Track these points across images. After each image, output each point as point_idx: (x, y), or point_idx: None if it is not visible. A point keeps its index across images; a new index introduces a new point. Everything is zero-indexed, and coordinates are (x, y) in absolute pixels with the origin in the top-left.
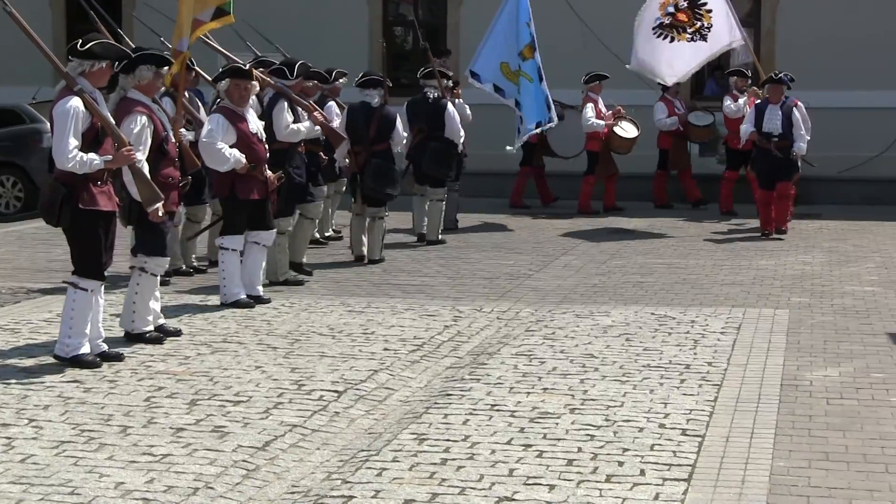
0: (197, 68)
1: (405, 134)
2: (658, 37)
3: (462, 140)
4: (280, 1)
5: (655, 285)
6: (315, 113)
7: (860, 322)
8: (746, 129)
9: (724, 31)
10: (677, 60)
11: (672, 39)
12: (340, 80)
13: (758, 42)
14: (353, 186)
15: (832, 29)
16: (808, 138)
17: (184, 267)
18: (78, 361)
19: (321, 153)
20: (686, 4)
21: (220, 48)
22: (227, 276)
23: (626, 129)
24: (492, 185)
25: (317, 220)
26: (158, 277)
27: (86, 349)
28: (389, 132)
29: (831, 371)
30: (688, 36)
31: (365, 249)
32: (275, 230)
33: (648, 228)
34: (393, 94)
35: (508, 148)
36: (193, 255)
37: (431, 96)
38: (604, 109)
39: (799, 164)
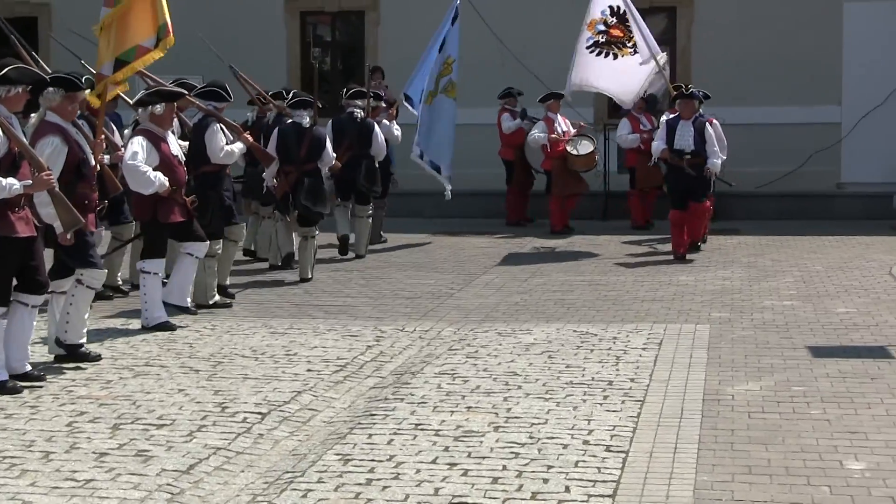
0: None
1: (333, 154)
2: (598, 55)
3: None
4: (196, 23)
5: (577, 302)
6: (244, 133)
7: (780, 336)
8: (657, 145)
9: (647, 48)
10: (627, 77)
11: (615, 56)
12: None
13: (673, 60)
14: (283, 206)
15: (747, 46)
16: (724, 157)
17: (107, 292)
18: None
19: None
20: (615, 20)
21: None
22: (149, 299)
23: (579, 147)
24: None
25: (240, 242)
26: (93, 292)
27: (4, 376)
28: (320, 152)
29: (752, 385)
30: (629, 50)
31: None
32: (207, 241)
33: (569, 246)
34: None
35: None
36: (119, 275)
37: (359, 116)
38: (564, 128)
39: (713, 182)
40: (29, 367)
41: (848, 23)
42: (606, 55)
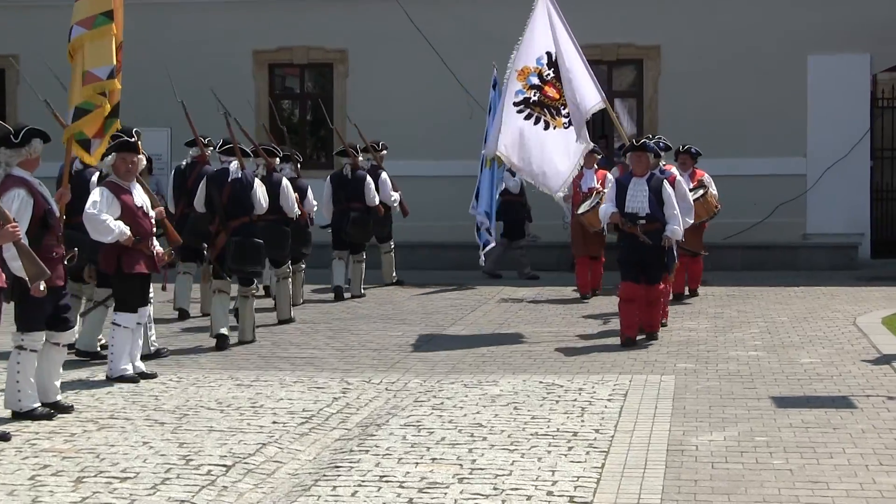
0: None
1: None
2: (527, 118)
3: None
4: (163, 74)
5: (543, 354)
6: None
7: (744, 387)
8: (606, 209)
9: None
10: (558, 156)
11: (546, 126)
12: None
13: (640, 112)
14: (219, 268)
15: (713, 98)
16: (691, 221)
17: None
18: None
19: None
20: (552, 74)
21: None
22: (116, 351)
23: (587, 203)
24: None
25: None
26: (35, 354)
27: None
28: (246, 202)
29: (716, 435)
30: (563, 121)
31: (224, 329)
32: (150, 306)
33: (536, 298)
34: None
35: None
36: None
37: (348, 172)
38: (594, 185)
39: (675, 252)
40: None
41: (812, 75)
42: (537, 121)
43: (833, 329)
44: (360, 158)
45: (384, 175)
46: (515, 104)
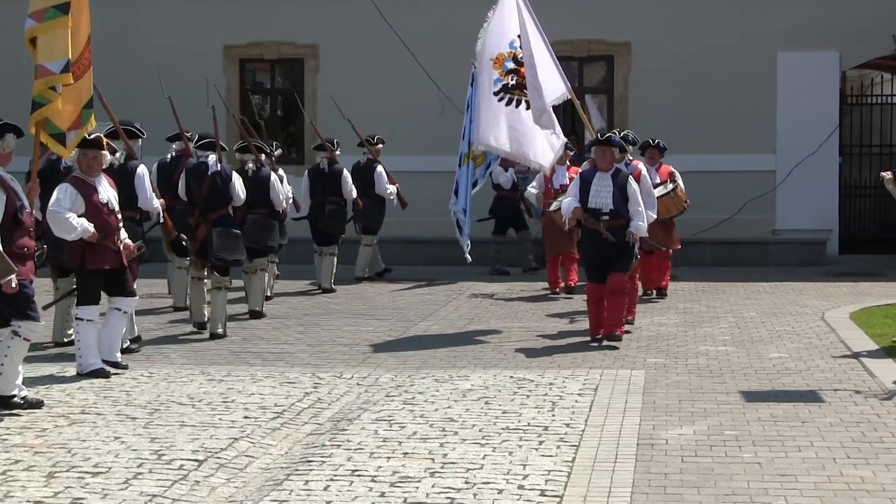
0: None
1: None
2: (508, 103)
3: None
4: (136, 70)
5: (514, 349)
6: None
7: (714, 381)
8: (569, 203)
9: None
10: (541, 133)
11: (528, 106)
12: (277, 151)
13: (611, 108)
14: (201, 258)
15: (683, 94)
16: (654, 216)
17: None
18: None
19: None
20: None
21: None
22: (83, 346)
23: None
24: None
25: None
26: (28, 344)
27: None
28: (225, 195)
29: (686, 429)
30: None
31: (206, 317)
32: (136, 297)
33: (507, 293)
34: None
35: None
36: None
37: (325, 166)
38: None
39: (636, 250)
40: None
41: (782, 72)
42: (518, 104)
43: (801, 324)
44: (372, 149)
45: (380, 168)
46: (496, 93)
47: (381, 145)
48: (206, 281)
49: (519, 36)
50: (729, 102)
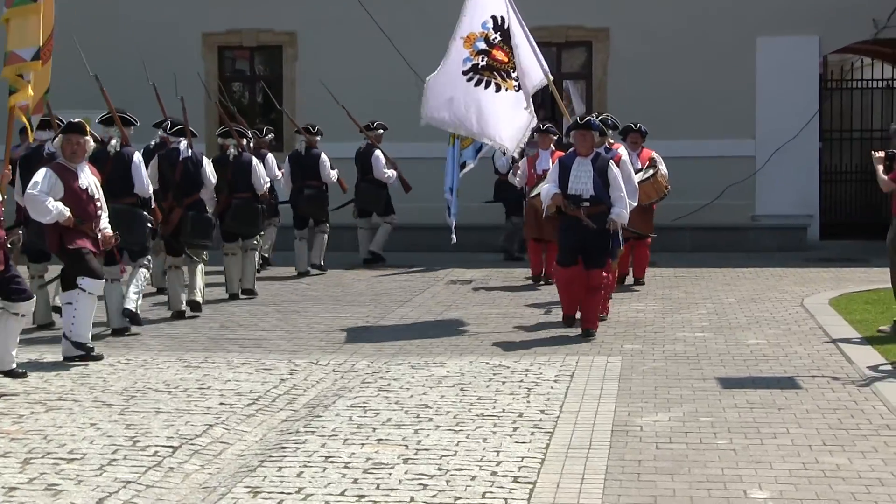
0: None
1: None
2: (477, 84)
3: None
4: (112, 57)
5: (491, 335)
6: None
7: (690, 367)
8: (548, 189)
9: (534, 71)
10: (511, 117)
11: (498, 88)
12: (269, 136)
13: (590, 93)
14: (173, 244)
15: (662, 80)
16: (634, 203)
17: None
18: None
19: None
20: (499, 38)
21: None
22: (79, 316)
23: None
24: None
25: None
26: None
27: None
28: (197, 181)
29: (661, 416)
30: (514, 83)
31: (183, 305)
32: (103, 280)
33: (485, 280)
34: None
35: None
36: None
37: (302, 149)
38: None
39: (620, 237)
40: None
41: (761, 57)
42: (487, 85)
43: (780, 310)
44: (370, 135)
45: (377, 153)
46: (464, 73)
47: (381, 131)
48: (183, 268)
49: (493, 17)
50: (708, 88)
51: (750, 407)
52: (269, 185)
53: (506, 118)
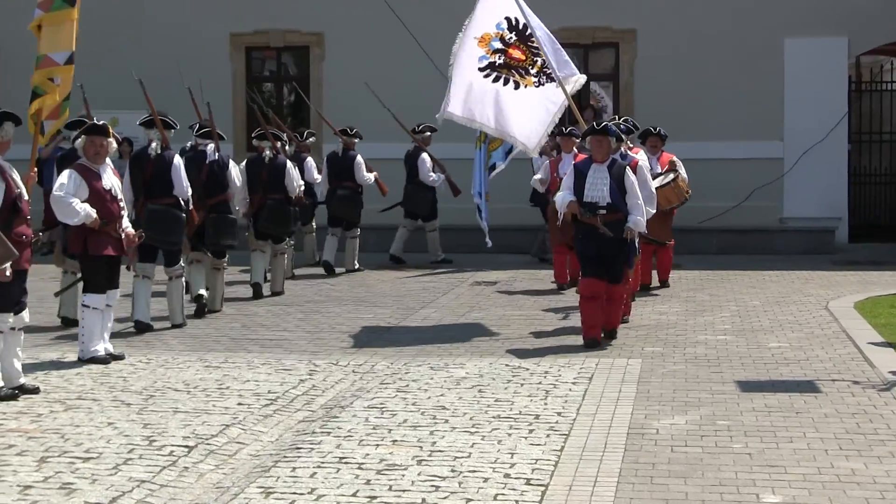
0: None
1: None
2: (495, 80)
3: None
4: (141, 58)
5: (512, 337)
6: None
7: (710, 370)
8: (563, 197)
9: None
10: (530, 114)
11: (517, 85)
12: (310, 139)
13: (616, 95)
14: (197, 242)
15: (689, 82)
16: (652, 211)
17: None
18: None
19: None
20: (515, 38)
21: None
22: (87, 332)
23: None
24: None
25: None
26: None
27: None
28: (223, 183)
29: (678, 419)
30: (533, 80)
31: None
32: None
33: (509, 281)
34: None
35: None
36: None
37: (339, 151)
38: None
39: (637, 245)
40: None
41: (789, 58)
42: (506, 82)
43: (804, 313)
44: (418, 138)
45: (424, 155)
46: (481, 69)
47: (428, 133)
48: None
49: (507, 18)
50: (735, 89)
51: (768, 410)
52: (302, 187)
53: (525, 115)
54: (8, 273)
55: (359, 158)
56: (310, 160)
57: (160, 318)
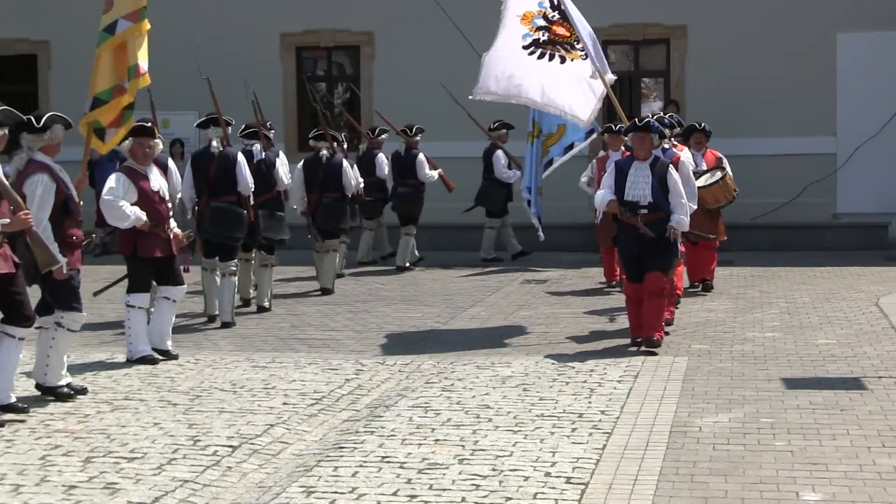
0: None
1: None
2: (540, 57)
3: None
4: (190, 60)
5: (560, 335)
6: None
7: (756, 368)
8: (602, 195)
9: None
10: (581, 87)
11: (563, 60)
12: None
13: (668, 92)
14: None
15: (741, 78)
16: (694, 207)
17: None
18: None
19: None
20: (558, 16)
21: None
22: (133, 333)
23: None
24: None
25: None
26: (73, 335)
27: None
28: (269, 180)
29: (722, 417)
30: (580, 53)
31: (252, 292)
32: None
33: (559, 280)
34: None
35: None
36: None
37: (402, 149)
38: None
39: (679, 245)
40: (13, 399)
41: (841, 53)
42: (551, 58)
43: (854, 310)
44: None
45: (498, 152)
46: (525, 47)
47: (504, 130)
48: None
49: None
50: (787, 85)
51: (812, 408)
52: (361, 184)
53: (576, 89)
54: (65, 271)
55: (420, 156)
56: (381, 156)
57: (197, 315)
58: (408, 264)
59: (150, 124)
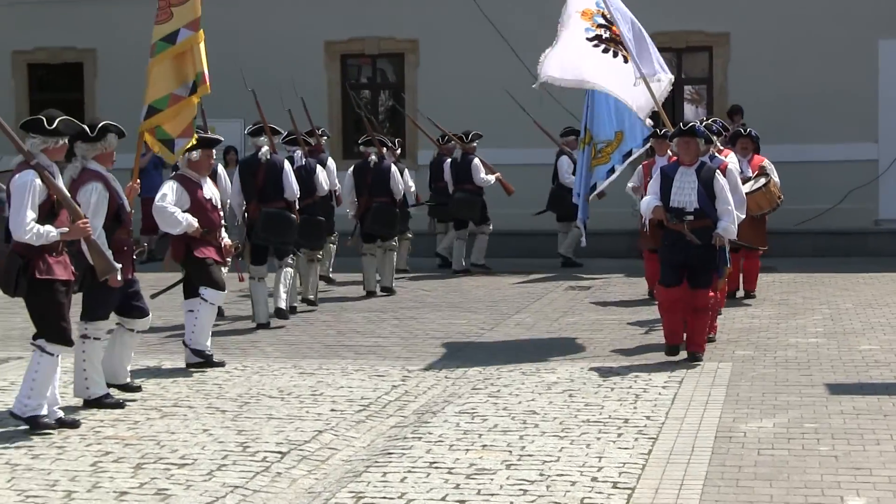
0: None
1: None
2: (604, 51)
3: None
4: (234, 67)
5: (605, 341)
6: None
7: (800, 373)
8: (648, 202)
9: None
10: (638, 88)
11: (626, 60)
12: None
13: (710, 98)
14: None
15: (783, 84)
16: (742, 216)
17: None
18: (34, 422)
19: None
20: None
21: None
22: (199, 325)
23: None
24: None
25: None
26: (104, 340)
27: (44, 411)
28: (311, 186)
29: (766, 422)
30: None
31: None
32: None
33: (604, 286)
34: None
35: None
36: None
37: (458, 156)
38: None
39: (727, 254)
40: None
41: (883, 59)
42: (615, 55)
43: None
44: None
45: (563, 158)
46: (588, 39)
47: (572, 137)
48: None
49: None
50: (829, 91)
51: (856, 413)
52: (413, 189)
53: (637, 90)
54: (119, 278)
55: (476, 161)
56: (448, 162)
57: (244, 318)
58: (483, 262)
59: (215, 135)
